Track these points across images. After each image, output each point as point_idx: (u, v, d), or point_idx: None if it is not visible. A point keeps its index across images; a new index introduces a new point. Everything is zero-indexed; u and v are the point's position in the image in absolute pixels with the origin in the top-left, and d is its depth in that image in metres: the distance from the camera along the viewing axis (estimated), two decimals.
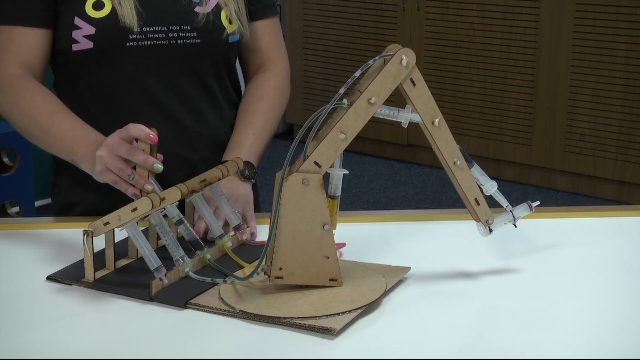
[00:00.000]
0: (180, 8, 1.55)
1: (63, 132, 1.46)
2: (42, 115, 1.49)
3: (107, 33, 1.50)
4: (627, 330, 1.16)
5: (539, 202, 1.34)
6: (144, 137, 1.29)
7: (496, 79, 4.25)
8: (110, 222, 1.26)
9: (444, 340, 1.14)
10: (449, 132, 1.26)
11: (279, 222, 1.22)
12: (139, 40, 1.52)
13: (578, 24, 3.97)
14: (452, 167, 1.27)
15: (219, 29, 1.56)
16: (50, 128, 1.48)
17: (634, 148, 3.93)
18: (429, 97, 1.24)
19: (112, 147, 1.32)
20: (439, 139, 1.26)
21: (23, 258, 1.41)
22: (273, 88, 1.67)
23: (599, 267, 1.37)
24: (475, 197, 1.29)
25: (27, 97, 1.50)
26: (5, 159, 3.52)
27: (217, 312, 1.21)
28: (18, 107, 1.51)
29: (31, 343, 1.14)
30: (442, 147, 1.26)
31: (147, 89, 1.55)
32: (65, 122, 1.47)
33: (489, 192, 1.30)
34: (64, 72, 1.59)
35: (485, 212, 1.30)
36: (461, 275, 1.33)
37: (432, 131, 1.25)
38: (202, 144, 1.61)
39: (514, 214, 1.32)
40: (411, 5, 4.43)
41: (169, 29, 1.53)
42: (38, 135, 1.50)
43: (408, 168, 4.51)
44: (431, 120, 1.25)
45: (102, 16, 1.50)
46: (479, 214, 1.30)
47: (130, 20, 1.50)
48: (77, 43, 1.51)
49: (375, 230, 1.53)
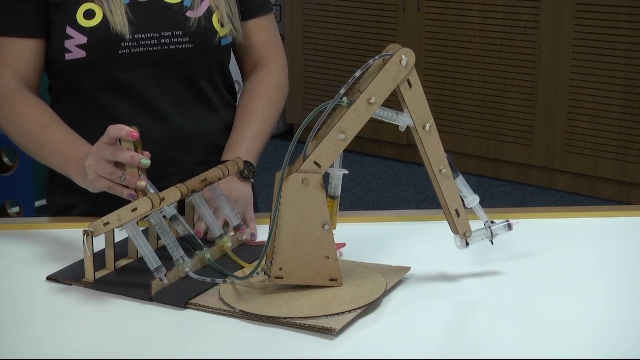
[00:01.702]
0: (171, 13, 1.54)
1: (55, 147, 1.47)
2: (35, 130, 1.49)
3: (99, 41, 1.50)
4: (627, 330, 1.16)
5: (519, 222, 1.33)
6: (124, 136, 1.29)
7: (496, 79, 4.25)
8: (110, 222, 1.26)
9: (444, 340, 1.14)
10: (439, 139, 1.25)
11: (279, 222, 1.22)
12: (131, 47, 1.52)
13: (578, 24, 3.96)
14: (437, 175, 1.26)
15: (210, 32, 1.56)
16: (44, 142, 1.48)
17: (634, 148, 3.93)
18: (423, 101, 1.24)
19: (97, 153, 1.32)
20: (428, 144, 1.25)
21: (23, 258, 1.41)
22: (271, 85, 1.66)
23: (599, 267, 1.37)
24: (456, 208, 1.28)
25: (20, 111, 1.51)
26: (5, 159, 3.51)
27: (217, 312, 1.21)
28: (13, 120, 1.51)
29: (31, 343, 1.14)
30: (429, 152, 1.25)
31: (141, 94, 1.55)
32: (58, 137, 1.48)
33: (470, 205, 1.30)
34: (59, 79, 1.59)
35: (464, 224, 1.29)
36: (461, 275, 1.33)
37: (422, 135, 1.25)
38: (198, 146, 1.61)
39: (492, 231, 1.31)
40: (411, 5, 4.43)
41: (160, 34, 1.53)
42: (33, 149, 1.51)
43: (408, 168, 4.51)
44: (422, 125, 1.24)
45: (93, 25, 1.50)
46: (457, 225, 1.29)
47: (122, 27, 1.50)
48: (70, 52, 1.51)
49: (375, 230, 1.53)
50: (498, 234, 1.32)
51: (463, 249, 1.30)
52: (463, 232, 1.29)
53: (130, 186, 1.30)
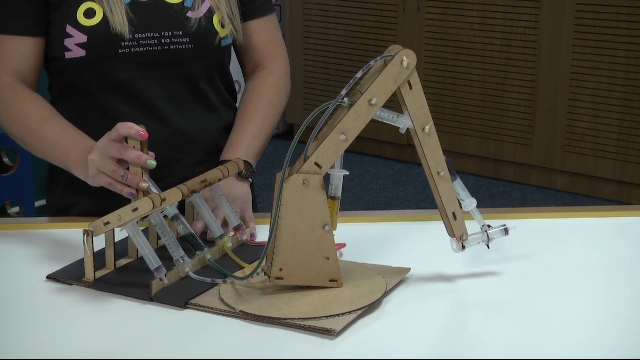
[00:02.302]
0: (172, 13, 1.54)
1: (54, 140, 1.47)
2: (33, 124, 1.49)
3: (99, 40, 1.50)
4: (627, 330, 1.16)
5: (515, 226, 1.33)
6: (134, 134, 1.29)
7: (496, 79, 4.25)
8: (110, 222, 1.26)
9: (443, 340, 1.14)
10: (438, 141, 1.25)
11: (280, 222, 1.22)
12: (131, 47, 1.52)
13: (578, 24, 3.97)
14: (435, 177, 1.26)
15: (211, 33, 1.56)
16: (43, 136, 1.48)
17: (634, 148, 3.93)
18: (423, 102, 1.24)
19: (103, 149, 1.32)
20: (427, 146, 1.25)
21: (23, 258, 1.41)
22: (272, 85, 1.66)
23: (598, 267, 1.37)
24: (453, 211, 1.28)
25: (19, 106, 1.51)
26: (5, 159, 3.51)
27: (217, 313, 1.21)
28: (11, 116, 1.51)
29: (31, 343, 1.14)
30: (428, 154, 1.25)
31: (140, 94, 1.55)
32: (56, 130, 1.48)
33: (468, 209, 1.29)
34: (58, 78, 1.59)
35: (460, 227, 1.29)
36: (461, 275, 1.33)
37: (421, 137, 1.24)
38: (197, 147, 1.61)
39: (488, 235, 1.31)
40: (411, 5, 4.43)
41: (161, 34, 1.53)
42: (32, 143, 1.51)
43: (408, 168, 4.51)
44: (422, 126, 1.24)
45: (93, 24, 1.50)
46: (454, 228, 1.29)
47: (122, 27, 1.50)
48: (70, 51, 1.51)
49: (375, 230, 1.53)
50: (494, 238, 1.32)
51: (459, 252, 1.30)
52: (459, 235, 1.29)
53: (131, 185, 1.30)
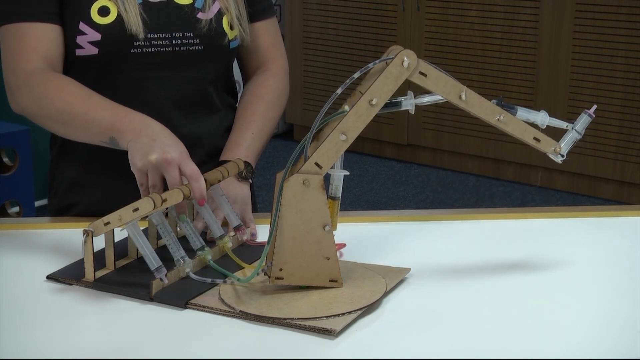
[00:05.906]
0: (183, 14, 1.54)
1: (102, 111, 1.43)
2: (76, 100, 1.45)
3: (113, 40, 1.50)
4: (627, 330, 1.16)
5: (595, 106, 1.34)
6: (197, 197, 1.30)
7: (496, 79, 4.25)
8: (111, 222, 1.26)
9: (443, 340, 1.14)
10: (479, 97, 1.26)
11: (280, 222, 1.22)
12: (143, 47, 1.52)
13: (578, 24, 3.97)
14: (497, 124, 1.27)
15: (220, 35, 1.56)
16: (87, 110, 1.44)
17: (634, 148, 3.93)
18: (445, 78, 1.24)
19: (164, 161, 1.30)
20: (473, 107, 1.26)
21: (23, 258, 1.41)
22: (272, 88, 1.67)
23: (598, 267, 1.37)
24: (533, 137, 1.29)
25: (57, 86, 1.47)
26: (5, 159, 3.52)
27: (217, 313, 1.21)
28: (48, 97, 1.47)
29: (31, 343, 1.14)
30: (479, 113, 1.26)
31: (145, 94, 1.55)
32: (104, 103, 1.45)
33: (544, 125, 1.30)
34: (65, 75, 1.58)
35: (549, 144, 1.30)
36: (461, 275, 1.33)
37: (463, 105, 1.25)
38: (199, 149, 1.61)
39: (576, 129, 1.31)
40: (411, 5, 4.43)
41: (172, 35, 1.53)
42: (73, 120, 1.45)
43: (408, 168, 4.51)
44: (458, 96, 1.25)
45: (108, 22, 1.49)
46: (544, 148, 1.30)
47: (137, 27, 1.49)
48: (82, 49, 1.50)
49: (375, 230, 1.53)
50: (584, 128, 1.32)
51: (560, 161, 1.31)
52: (553, 150, 1.30)
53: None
